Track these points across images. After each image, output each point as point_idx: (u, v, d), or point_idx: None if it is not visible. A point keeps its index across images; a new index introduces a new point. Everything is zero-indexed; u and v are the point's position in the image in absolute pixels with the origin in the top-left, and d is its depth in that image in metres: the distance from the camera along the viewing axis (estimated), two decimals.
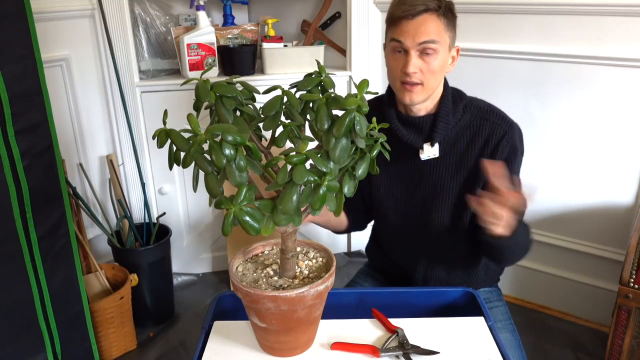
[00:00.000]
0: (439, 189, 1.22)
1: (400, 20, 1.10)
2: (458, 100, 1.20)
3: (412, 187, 1.24)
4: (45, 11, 1.78)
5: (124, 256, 1.97)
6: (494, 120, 1.18)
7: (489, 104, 1.22)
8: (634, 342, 1.51)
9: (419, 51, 1.10)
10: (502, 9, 1.85)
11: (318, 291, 0.87)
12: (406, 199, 1.26)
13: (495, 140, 1.17)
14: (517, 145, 1.18)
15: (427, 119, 1.18)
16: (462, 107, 1.19)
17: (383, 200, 1.28)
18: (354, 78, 2.15)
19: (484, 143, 1.17)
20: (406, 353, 0.94)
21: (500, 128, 1.17)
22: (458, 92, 1.23)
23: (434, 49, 1.10)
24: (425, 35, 1.08)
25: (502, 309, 1.31)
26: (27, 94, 1.29)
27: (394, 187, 1.26)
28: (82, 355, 1.57)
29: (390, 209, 1.28)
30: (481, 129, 1.18)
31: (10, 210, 1.28)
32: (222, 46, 2.13)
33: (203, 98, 0.81)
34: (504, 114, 1.20)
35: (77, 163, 2.04)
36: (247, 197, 0.75)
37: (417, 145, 1.19)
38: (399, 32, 1.10)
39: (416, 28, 1.08)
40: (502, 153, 1.16)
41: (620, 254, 1.83)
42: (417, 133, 1.19)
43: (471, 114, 1.19)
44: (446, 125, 1.17)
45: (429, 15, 1.08)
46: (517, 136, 1.19)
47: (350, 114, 0.78)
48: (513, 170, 1.18)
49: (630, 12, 1.63)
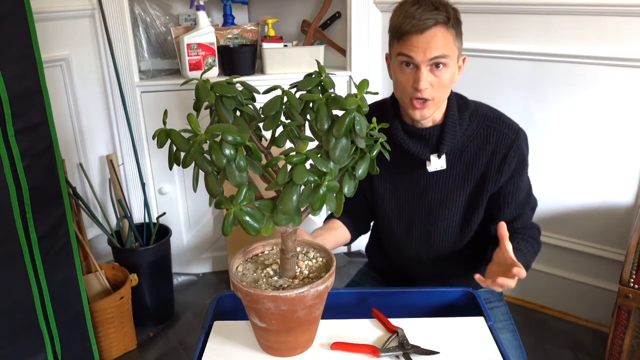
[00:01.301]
0: (445, 199, 1.21)
1: (409, 35, 1.05)
2: (464, 109, 1.18)
3: (418, 196, 1.23)
4: (45, 11, 1.78)
5: (124, 256, 1.97)
6: (501, 129, 1.16)
7: (494, 110, 1.21)
8: (634, 342, 1.51)
9: (429, 66, 1.07)
10: (502, 9, 1.85)
11: (318, 291, 0.87)
12: (411, 209, 1.25)
13: (503, 151, 1.16)
14: (524, 156, 1.18)
15: (434, 130, 1.16)
16: (468, 116, 1.17)
17: (388, 210, 1.27)
18: (354, 78, 2.15)
19: (492, 154, 1.16)
20: (406, 353, 0.94)
21: (508, 137, 1.16)
22: (462, 98, 1.21)
23: (445, 63, 1.07)
24: (436, 50, 1.05)
25: (503, 309, 1.31)
26: (27, 94, 1.29)
27: (399, 196, 1.25)
28: (82, 355, 1.57)
29: (395, 219, 1.28)
30: (489, 138, 1.16)
31: (10, 210, 1.28)
32: (222, 46, 2.13)
33: (203, 98, 0.81)
34: (510, 121, 1.19)
35: (77, 163, 2.04)
36: (247, 197, 0.75)
37: (423, 157, 1.18)
38: (408, 47, 1.06)
39: (426, 43, 1.04)
40: (510, 165, 1.16)
41: (620, 254, 1.83)
42: (423, 145, 1.17)
43: (477, 122, 1.17)
44: (453, 136, 1.15)
45: (438, 28, 1.04)
46: (524, 144, 1.19)
47: (350, 114, 0.78)
48: (522, 178, 1.19)
49: (630, 12, 1.63)
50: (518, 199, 1.20)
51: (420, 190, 1.23)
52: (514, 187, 1.19)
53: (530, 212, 1.26)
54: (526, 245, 1.18)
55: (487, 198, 1.20)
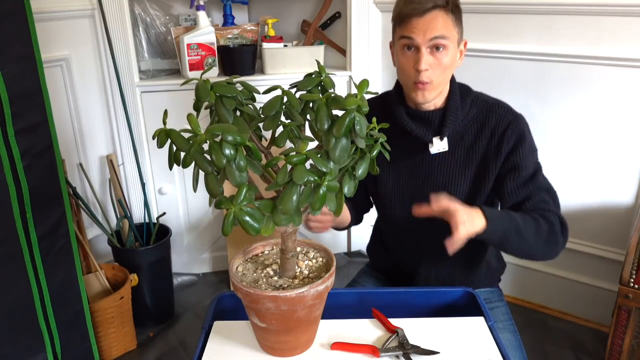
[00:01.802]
0: (448, 183, 1.22)
1: (409, 17, 1.10)
2: (466, 95, 1.21)
3: (421, 181, 1.25)
4: (45, 11, 1.78)
5: (124, 256, 1.97)
6: (499, 112, 1.19)
7: (496, 98, 1.23)
8: (634, 342, 1.51)
9: (429, 47, 1.11)
10: (503, 9, 1.85)
11: (318, 291, 0.87)
12: (414, 193, 1.26)
13: (500, 131, 1.18)
14: (523, 134, 1.18)
15: (436, 113, 1.19)
16: (469, 101, 1.20)
17: (390, 195, 1.29)
18: (354, 78, 2.15)
19: (491, 135, 1.18)
20: (406, 353, 0.94)
21: (505, 118, 1.18)
22: (465, 87, 1.24)
23: (444, 45, 1.11)
24: (436, 31, 1.09)
25: (503, 309, 1.31)
26: (27, 94, 1.29)
27: (402, 181, 1.27)
28: (82, 355, 1.57)
29: (398, 203, 1.28)
30: (487, 121, 1.19)
31: (10, 210, 1.28)
32: (222, 46, 2.13)
33: (203, 98, 0.81)
34: (510, 107, 1.21)
35: (77, 163, 2.04)
36: (247, 197, 0.75)
37: (426, 139, 1.20)
38: (409, 29, 1.10)
39: (426, 24, 1.09)
40: (508, 142, 1.17)
41: (620, 254, 1.83)
42: (426, 127, 1.20)
43: (478, 107, 1.21)
44: (455, 119, 1.18)
45: (438, 11, 1.09)
46: (524, 125, 1.19)
47: (350, 114, 0.78)
48: (524, 155, 1.17)
49: (630, 12, 1.63)
50: (520, 177, 1.17)
51: (423, 175, 1.24)
52: (514, 164, 1.17)
53: (546, 196, 1.18)
54: (523, 216, 1.12)
55: (491, 182, 1.20)
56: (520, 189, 1.18)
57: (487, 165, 1.19)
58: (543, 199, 1.18)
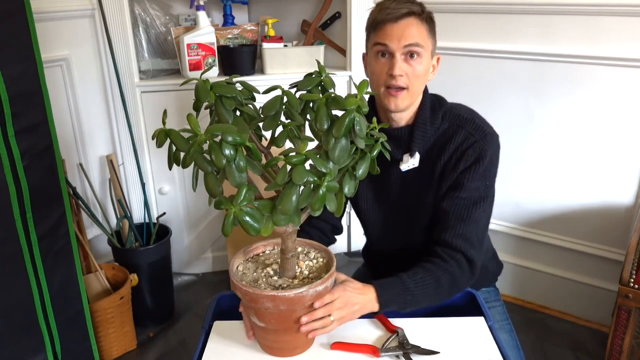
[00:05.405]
0: (419, 198, 1.19)
1: (384, 23, 1.08)
2: (437, 108, 1.17)
3: (396, 196, 1.22)
4: (45, 11, 1.78)
5: (124, 256, 1.97)
6: (469, 129, 1.14)
7: (472, 112, 1.18)
8: (634, 342, 1.51)
9: (404, 54, 1.08)
10: (502, 9, 1.85)
11: (317, 291, 0.87)
12: (388, 209, 1.24)
13: (463, 148, 1.12)
14: (484, 153, 1.12)
15: (405, 130, 1.16)
16: (441, 115, 1.16)
17: (369, 211, 1.27)
18: (354, 78, 2.15)
19: (454, 150, 1.13)
20: (406, 353, 0.94)
21: (472, 137, 1.13)
22: (438, 99, 1.20)
23: (419, 52, 1.08)
24: (410, 38, 1.07)
25: (500, 309, 1.31)
26: (27, 94, 1.29)
27: (378, 197, 1.25)
28: (82, 355, 1.57)
29: (375, 220, 1.27)
30: (455, 136, 1.14)
31: (10, 210, 1.28)
32: (222, 46, 2.13)
33: (203, 98, 0.81)
34: (482, 125, 1.15)
35: (77, 163, 2.04)
36: (247, 197, 0.75)
37: (396, 157, 1.17)
38: (383, 35, 1.08)
39: (401, 31, 1.07)
40: (466, 161, 1.12)
41: (620, 254, 1.83)
42: (396, 145, 1.17)
43: (450, 121, 1.16)
44: (423, 134, 1.15)
45: (412, 18, 1.08)
46: (489, 145, 1.13)
47: (350, 114, 0.78)
48: (474, 177, 1.12)
49: (629, 12, 1.63)
50: (458, 199, 1.12)
51: (397, 190, 1.22)
52: (459, 182, 1.12)
53: (469, 231, 1.11)
54: (423, 278, 1.06)
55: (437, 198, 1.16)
56: (449, 214, 1.12)
57: (443, 179, 1.14)
58: (462, 235, 1.11)
